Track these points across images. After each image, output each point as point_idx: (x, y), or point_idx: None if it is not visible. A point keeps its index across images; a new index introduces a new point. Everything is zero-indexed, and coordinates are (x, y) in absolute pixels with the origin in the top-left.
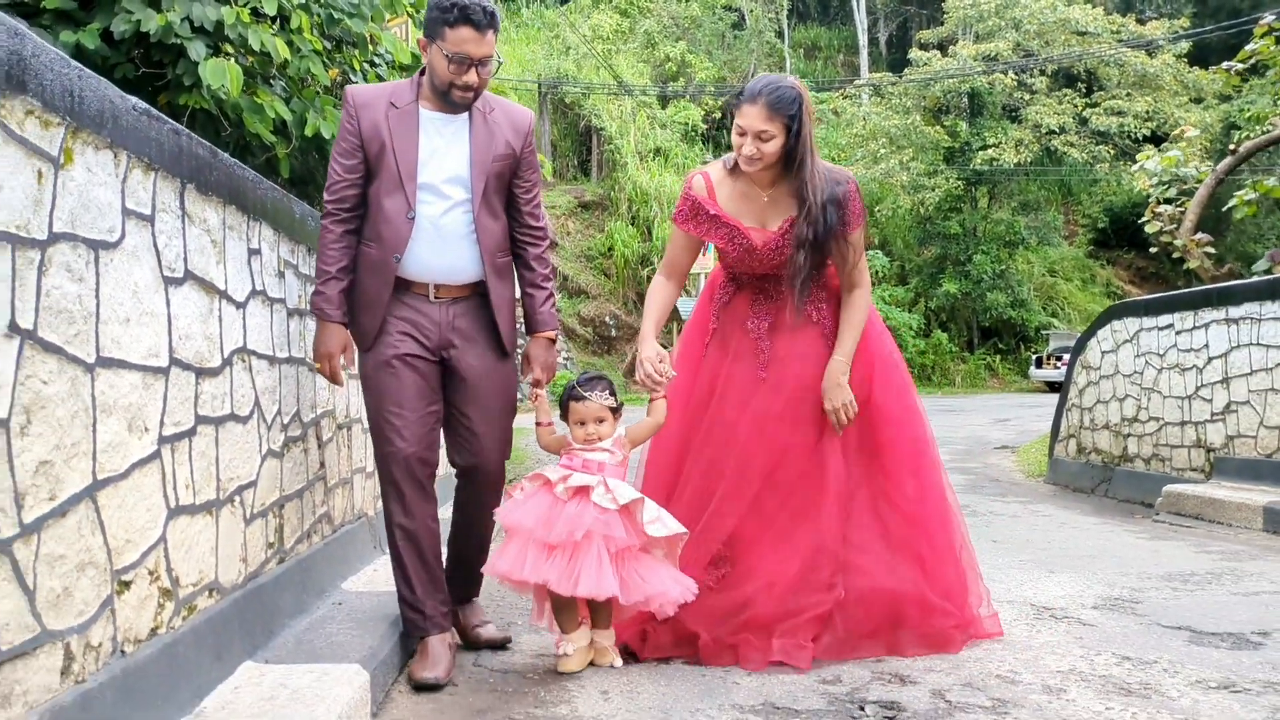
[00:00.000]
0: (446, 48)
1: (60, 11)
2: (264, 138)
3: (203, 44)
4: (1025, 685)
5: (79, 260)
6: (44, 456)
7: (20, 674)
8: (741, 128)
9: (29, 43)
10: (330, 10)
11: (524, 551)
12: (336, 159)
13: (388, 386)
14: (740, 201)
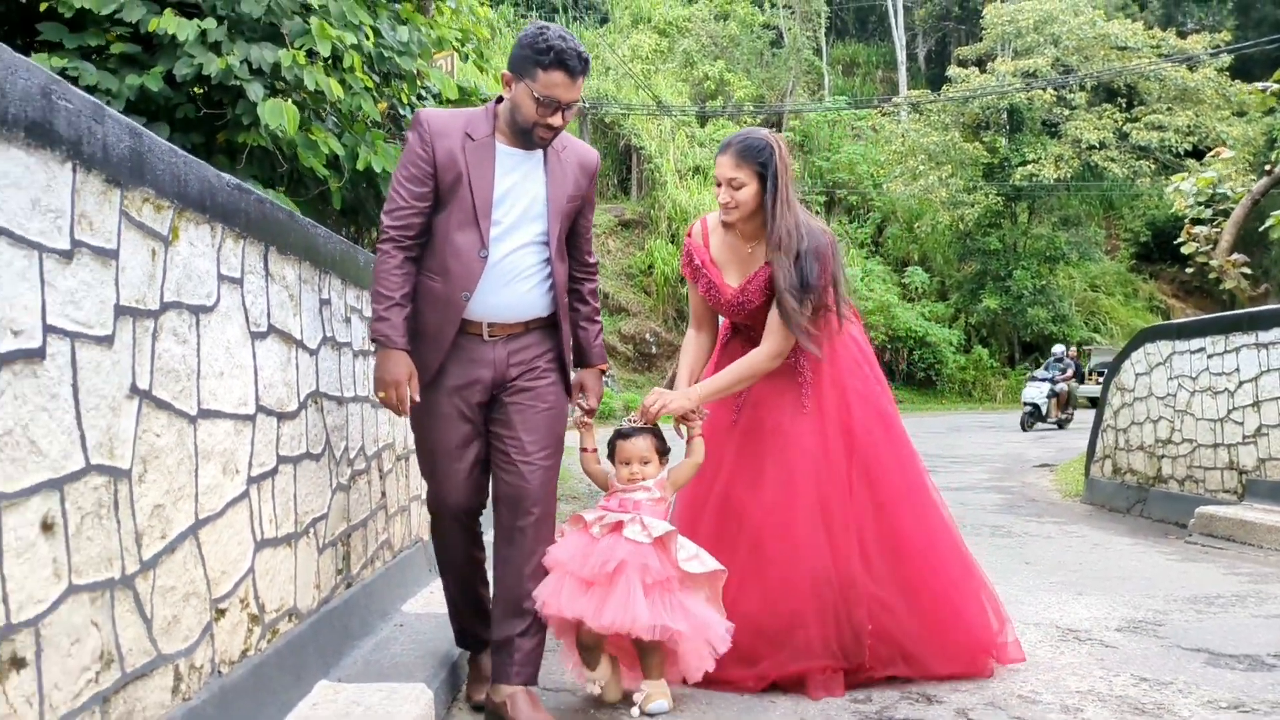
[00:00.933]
0: (537, 89)
1: (125, 55)
2: (318, 171)
3: (260, 85)
4: (1045, 705)
5: (183, 324)
6: (158, 500)
7: (140, 693)
8: (717, 178)
9: (145, 139)
10: (380, 49)
11: (560, 585)
12: (404, 183)
13: (439, 437)
14: (728, 252)
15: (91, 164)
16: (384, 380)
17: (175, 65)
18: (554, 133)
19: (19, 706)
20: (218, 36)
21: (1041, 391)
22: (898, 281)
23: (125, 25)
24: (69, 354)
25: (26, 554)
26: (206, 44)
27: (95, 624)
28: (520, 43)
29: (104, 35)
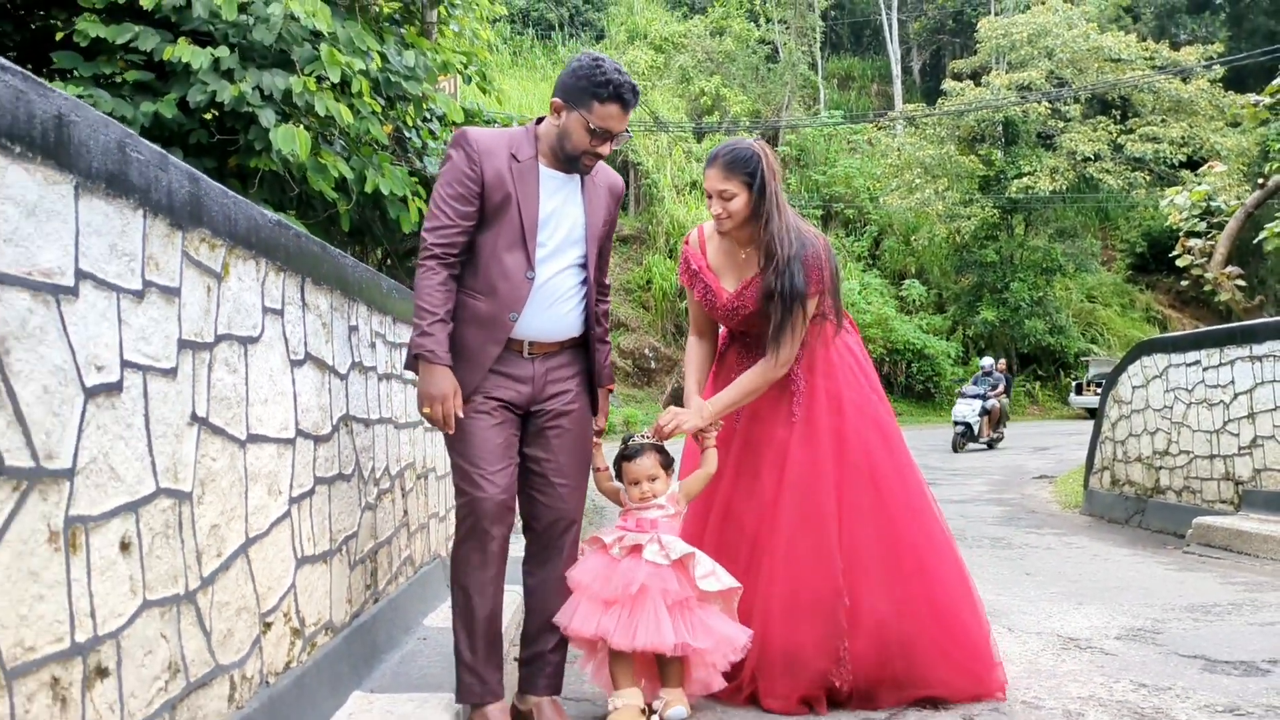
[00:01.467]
0: (592, 120)
1: (140, 83)
2: (327, 194)
3: (272, 111)
4: (1048, 710)
5: (233, 355)
6: (214, 520)
7: (201, 701)
8: (707, 190)
9: (202, 183)
10: (387, 74)
11: (582, 605)
12: (449, 201)
13: (483, 439)
14: (724, 258)
15: (158, 209)
16: (430, 395)
17: (189, 92)
18: (598, 160)
19: (103, 712)
20: (230, 64)
21: (973, 409)
22: (895, 294)
23: (139, 53)
24: (141, 386)
25: (108, 572)
26: (219, 71)
27: (164, 636)
28: (575, 73)
29: (117, 63)
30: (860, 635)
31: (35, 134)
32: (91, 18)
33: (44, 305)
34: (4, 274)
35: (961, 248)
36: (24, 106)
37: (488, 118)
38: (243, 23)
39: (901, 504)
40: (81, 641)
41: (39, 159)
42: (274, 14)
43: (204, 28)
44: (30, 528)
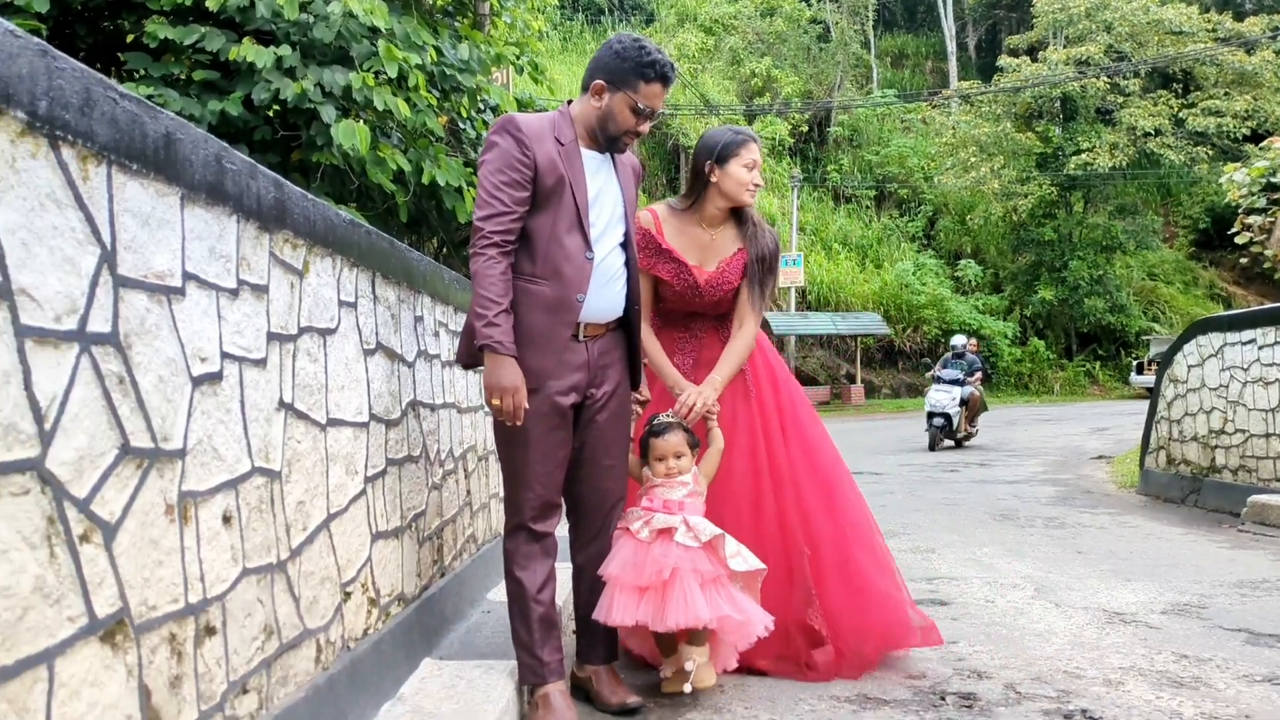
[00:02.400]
0: (638, 100)
1: (206, 82)
2: (385, 187)
3: (333, 107)
4: (1088, 679)
5: (314, 345)
6: (300, 498)
7: (292, 661)
8: (754, 161)
9: (285, 188)
10: (442, 67)
11: (617, 597)
12: (504, 189)
13: (540, 437)
14: (682, 239)
15: (249, 214)
16: (500, 387)
17: (253, 90)
18: (637, 139)
19: (211, 666)
20: (292, 62)
21: (952, 398)
22: (950, 275)
23: (204, 53)
24: (238, 375)
25: (214, 541)
26: (282, 69)
27: (260, 601)
28: (619, 55)
29: (184, 63)
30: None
31: (148, 152)
32: (160, 20)
33: (158, 304)
34: (126, 277)
35: (1018, 226)
36: (139, 128)
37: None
38: (303, 21)
39: (838, 468)
40: (193, 602)
41: (151, 174)
42: (334, 12)
43: (266, 27)
44: (150, 501)
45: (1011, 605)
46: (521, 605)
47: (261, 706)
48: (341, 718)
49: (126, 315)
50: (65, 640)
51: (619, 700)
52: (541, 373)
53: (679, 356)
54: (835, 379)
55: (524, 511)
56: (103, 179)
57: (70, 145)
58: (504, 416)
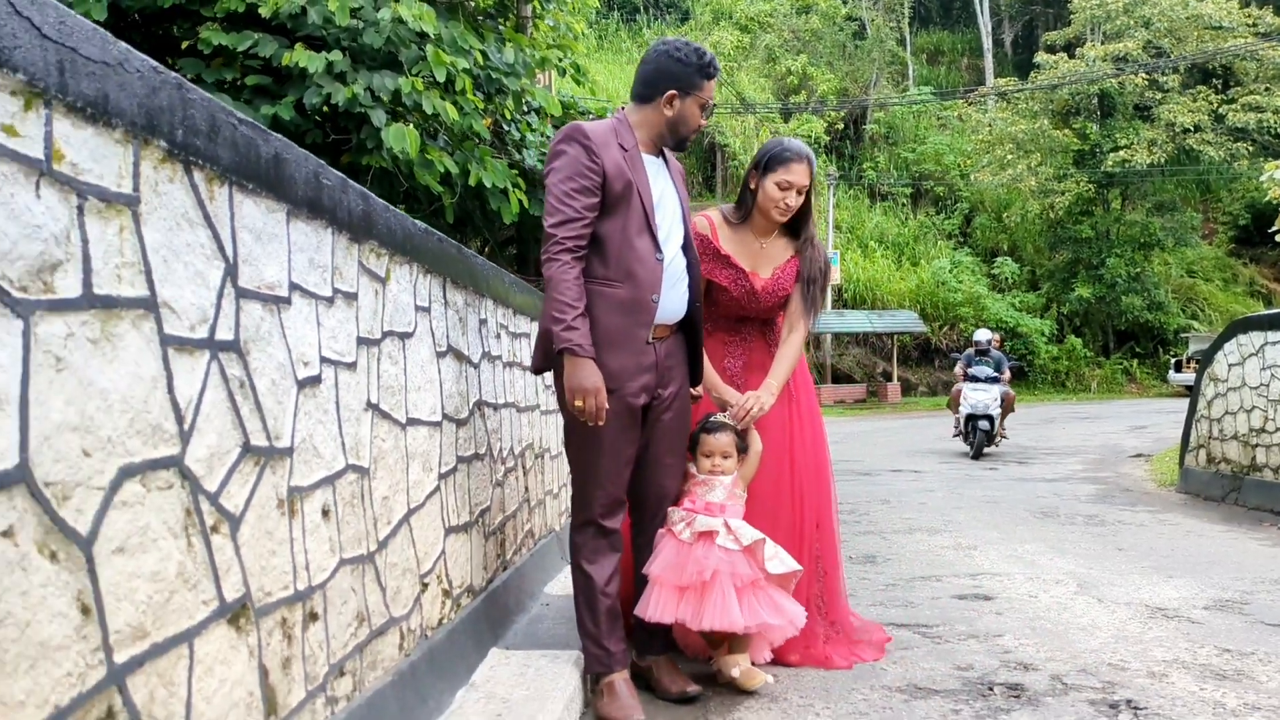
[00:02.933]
0: (704, 97)
1: (258, 87)
2: (433, 188)
3: (382, 111)
4: (1133, 671)
5: (395, 349)
6: (384, 493)
7: (380, 647)
8: (789, 182)
9: (371, 200)
10: (489, 71)
11: (657, 595)
12: (575, 195)
13: (613, 437)
14: (738, 247)
15: (342, 226)
16: (583, 388)
17: (305, 94)
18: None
19: (315, 650)
20: (343, 67)
21: (994, 397)
22: (987, 272)
23: (256, 59)
24: (334, 378)
25: (315, 533)
26: (332, 74)
27: (354, 590)
28: (680, 61)
29: (236, 69)
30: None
31: (261, 172)
32: (214, 27)
33: (269, 313)
34: (245, 289)
35: (1055, 224)
36: (254, 149)
37: (583, 109)
38: (353, 27)
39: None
40: (300, 590)
41: (263, 192)
42: (383, 18)
43: (317, 33)
44: (266, 495)
45: (1055, 600)
46: (589, 597)
47: (355, 689)
48: (422, 702)
49: (245, 324)
50: (201, 622)
51: (679, 689)
52: (621, 374)
53: (729, 359)
54: (871, 376)
55: (594, 508)
56: (225, 198)
57: (200, 169)
58: (586, 417)
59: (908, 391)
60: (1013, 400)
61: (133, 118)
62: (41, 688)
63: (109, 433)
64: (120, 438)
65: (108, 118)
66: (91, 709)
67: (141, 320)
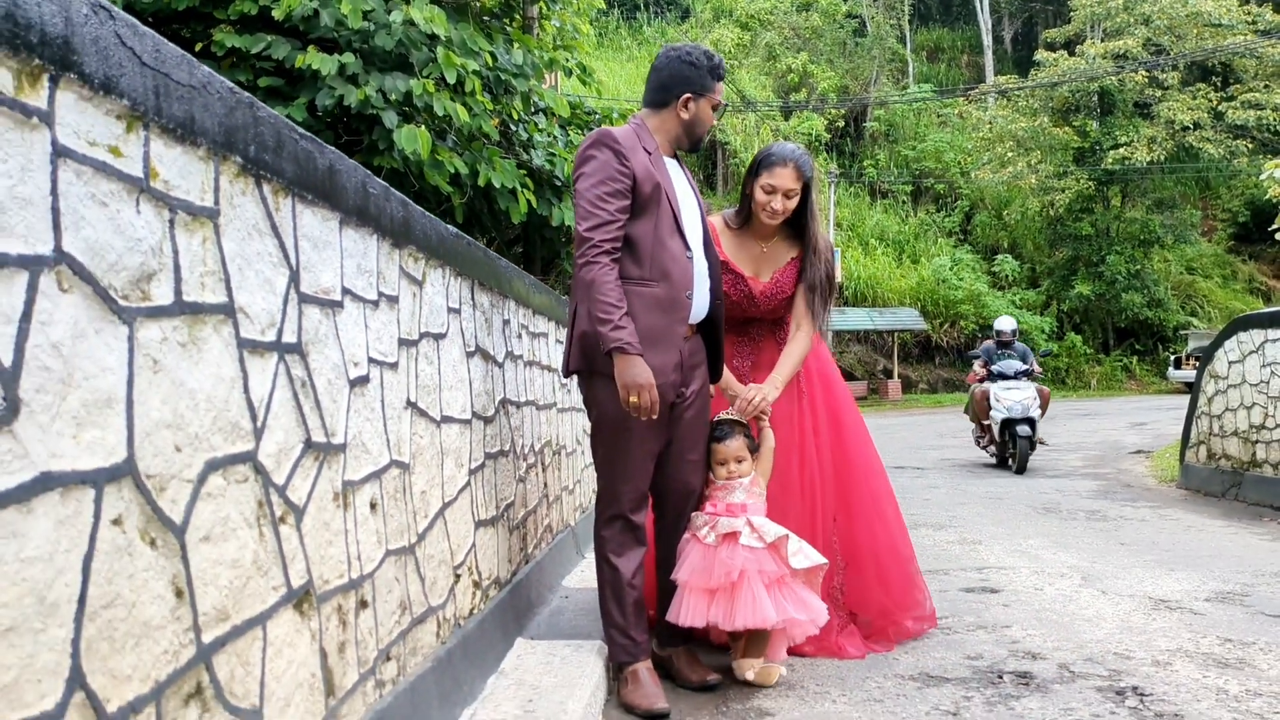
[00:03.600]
0: (715, 99)
1: (271, 89)
2: (442, 189)
3: (394, 112)
4: (1138, 660)
5: (430, 349)
6: (422, 488)
7: (419, 634)
8: (773, 186)
9: (410, 208)
10: (497, 72)
11: (688, 599)
12: (607, 199)
13: (643, 433)
14: (739, 252)
15: (384, 233)
16: (636, 384)
17: (317, 96)
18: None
19: (365, 636)
20: (355, 69)
21: (1030, 396)
22: (987, 270)
23: (269, 61)
24: (379, 378)
25: (364, 525)
26: (345, 76)
27: (398, 580)
28: (692, 65)
29: (249, 71)
30: (856, 567)
31: (318, 183)
32: (227, 29)
33: (326, 316)
34: (305, 294)
35: (1055, 221)
36: (311, 162)
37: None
38: (365, 29)
39: (873, 461)
40: (354, 578)
41: (320, 203)
42: (395, 20)
43: (329, 35)
44: (324, 489)
45: (1060, 593)
46: (616, 589)
47: (399, 673)
48: (458, 687)
49: (306, 327)
50: (272, 606)
51: (699, 678)
52: (661, 370)
53: (737, 359)
54: (872, 374)
55: (623, 503)
56: (289, 209)
57: (268, 182)
58: (640, 413)
59: (908, 389)
60: (1048, 398)
61: (214, 136)
62: (144, 664)
63: (196, 429)
64: (205, 434)
65: (194, 137)
66: (184, 685)
67: (221, 325)
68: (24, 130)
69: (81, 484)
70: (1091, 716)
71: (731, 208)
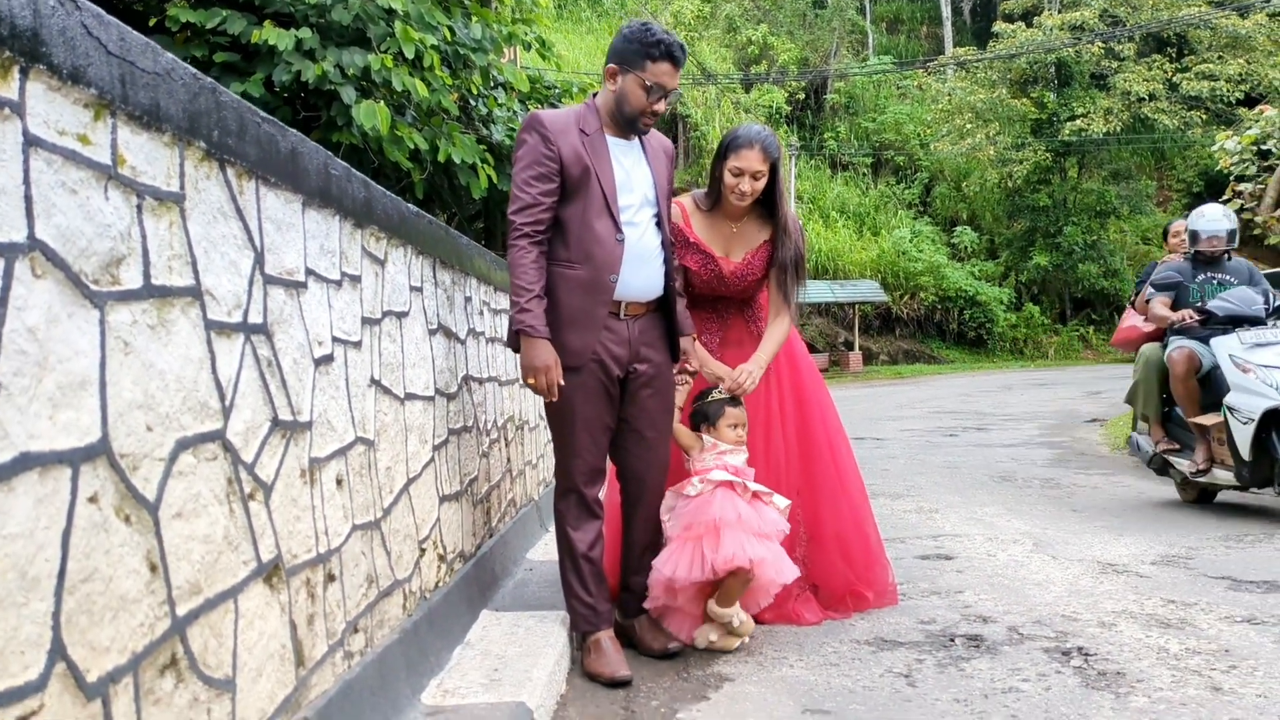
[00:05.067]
0: (647, 78)
1: (227, 64)
2: (402, 165)
3: (352, 88)
4: (1084, 621)
5: (393, 327)
6: (388, 464)
7: (386, 607)
8: (740, 168)
9: (372, 188)
10: (457, 47)
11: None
12: (532, 183)
13: (586, 410)
14: (710, 232)
15: (346, 213)
16: (534, 367)
17: (274, 72)
18: (655, 119)
19: (333, 608)
20: (312, 44)
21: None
22: (946, 241)
23: (225, 35)
24: (344, 357)
25: (331, 501)
26: (302, 51)
27: (364, 554)
28: (627, 38)
29: (204, 46)
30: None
31: (280, 165)
32: (182, 4)
33: (290, 297)
34: (270, 275)
35: (1013, 193)
36: (274, 145)
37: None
38: (322, 4)
39: (837, 439)
40: (321, 553)
41: (283, 185)
42: None
43: (285, 9)
44: (291, 466)
45: (1012, 559)
46: (574, 561)
47: (367, 645)
48: (425, 658)
49: (271, 308)
50: (243, 580)
51: (661, 645)
52: (583, 350)
53: (705, 336)
54: (834, 346)
55: (574, 478)
56: (253, 192)
57: (232, 165)
58: (539, 393)
59: (869, 360)
60: None
61: (178, 122)
62: (121, 636)
63: (167, 409)
64: (175, 414)
65: (159, 123)
66: (159, 656)
67: (189, 307)
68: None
69: (59, 463)
70: (1037, 676)
71: (701, 189)
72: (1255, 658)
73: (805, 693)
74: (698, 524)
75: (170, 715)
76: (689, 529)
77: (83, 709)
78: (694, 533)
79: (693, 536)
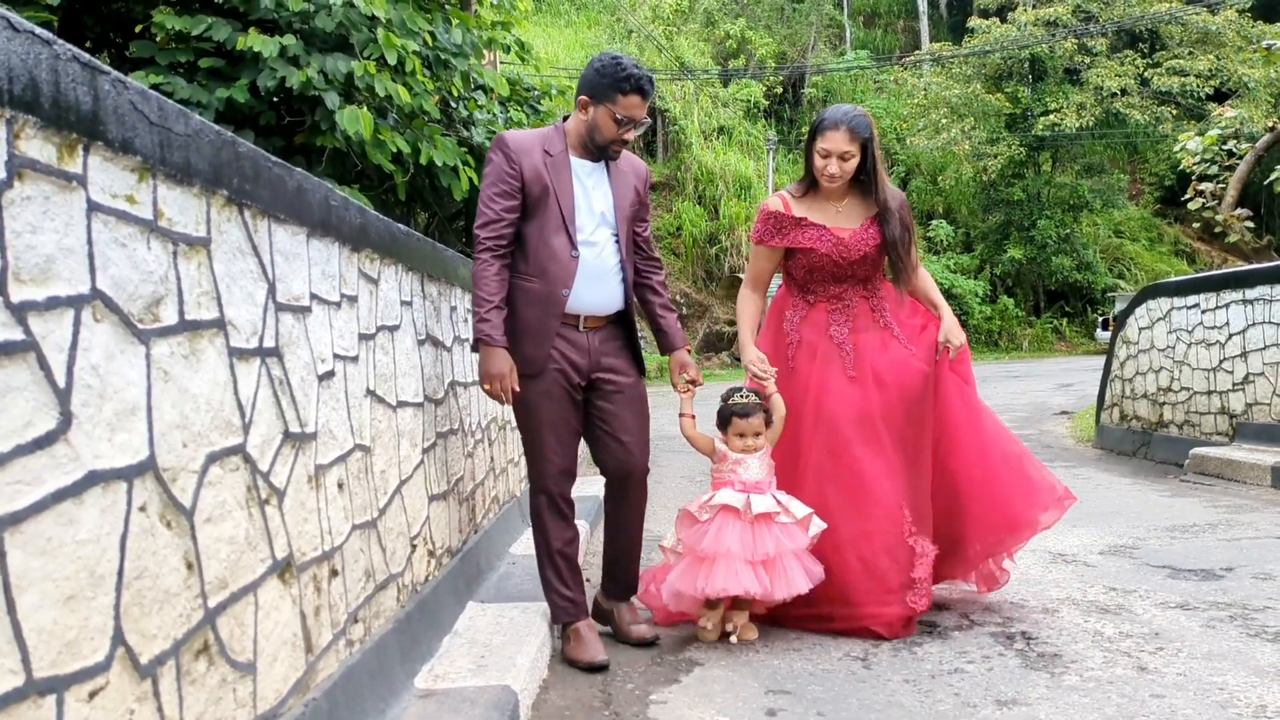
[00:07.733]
0: (618, 111)
1: (212, 70)
2: (385, 168)
3: (335, 93)
4: (1029, 609)
5: (386, 341)
6: (382, 467)
7: (382, 599)
8: (826, 150)
9: (368, 214)
10: (438, 51)
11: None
12: (495, 199)
13: (550, 414)
14: (817, 213)
15: (344, 239)
16: (490, 374)
17: (259, 78)
18: (625, 146)
19: (336, 600)
20: (296, 50)
21: None
22: (923, 234)
23: (210, 42)
24: (343, 371)
25: (334, 503)
26: (286, 58)
27: (362, 551)
28: (599, 72)
29: (190, 52)
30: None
31: (288, 203)
32: (167, 10)
33: (297, 320)
34: (280, 303)
35: (988, 186)
36: (282, 184)
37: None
38: (305, 10)
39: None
40: (326, 550)
41: (291, 220)
42: (335, 2)
43: (269, 16)
44: (300, 473)
45: None
46: (551, 558)
47: (366, 633)
48: (417, 646)
49: (281, 332)
50: (261, 576)
51: (639, 634)
52: (537, 359)
53: (834, 328)
54: None
55: (544, 479)
56: (265, 229)
57: (249, 208)
58: (496, 399)
59: None
60: None
61: (205, 175)
62: (166, 625)
63: (199, 427)
64: (205, 431)
65: (190, 178)
66: (195, 642)
67: (215, 337)
68: (66, 193)
69: (117, 479)
70: (982, 658)
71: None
72: (1181, 640)
73: (769, 675)
74: (696, 551)
75: (204, 694)
76: (690, 551)
77: (137, 686)
78: (695, 556)
79: (694, 560)
